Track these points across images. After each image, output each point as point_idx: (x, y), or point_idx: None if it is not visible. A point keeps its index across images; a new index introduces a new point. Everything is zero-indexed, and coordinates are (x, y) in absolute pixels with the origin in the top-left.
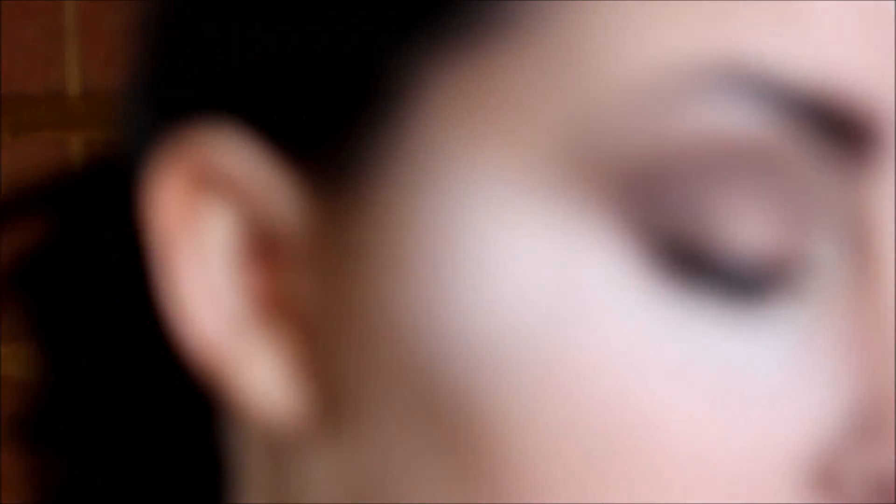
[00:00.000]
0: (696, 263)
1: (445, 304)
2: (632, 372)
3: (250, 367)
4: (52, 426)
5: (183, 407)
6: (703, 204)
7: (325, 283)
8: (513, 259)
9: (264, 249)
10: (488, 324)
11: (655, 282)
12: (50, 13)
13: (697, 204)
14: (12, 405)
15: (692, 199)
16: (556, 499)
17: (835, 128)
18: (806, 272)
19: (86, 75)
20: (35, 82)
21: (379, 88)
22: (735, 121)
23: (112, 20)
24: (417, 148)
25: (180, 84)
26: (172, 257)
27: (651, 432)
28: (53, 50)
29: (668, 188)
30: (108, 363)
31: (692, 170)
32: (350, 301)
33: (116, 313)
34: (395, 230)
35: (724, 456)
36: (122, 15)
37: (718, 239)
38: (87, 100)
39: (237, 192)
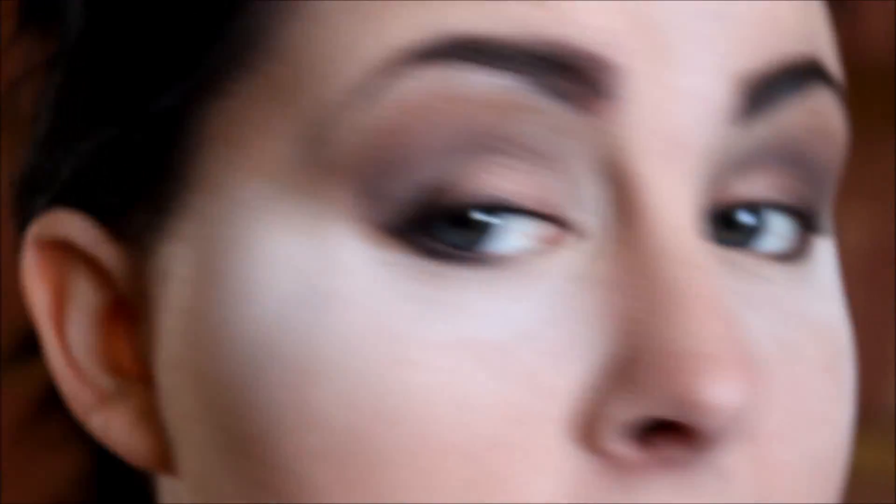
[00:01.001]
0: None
1: (217, 315)
2: (388, 354)
3: (112, 420)
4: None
5: None
6: (455, 166)
7: (151, 335)
8: (270, 262)
9: (124, 314)
10: (251, 323)
11: (407, 258)
12: None
13: (448, 168)
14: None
15: (438, 163)
16: (333, 496)
17: (569, 75)
18: (573, 225)
19: None
20: None
21: (162, 149)
22: (467, 84)
23: None
24: (197, 195)
25: (44, 177)
26: (46, 318)
27: (415, 407)
28: None
29: (409, 158)
30: None
31: (426, 135)
32: (167, 344)
33: None
34: (189, 267)
35: (491, 419)
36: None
37: (468, 196)
38: None
39: (88, 264)
